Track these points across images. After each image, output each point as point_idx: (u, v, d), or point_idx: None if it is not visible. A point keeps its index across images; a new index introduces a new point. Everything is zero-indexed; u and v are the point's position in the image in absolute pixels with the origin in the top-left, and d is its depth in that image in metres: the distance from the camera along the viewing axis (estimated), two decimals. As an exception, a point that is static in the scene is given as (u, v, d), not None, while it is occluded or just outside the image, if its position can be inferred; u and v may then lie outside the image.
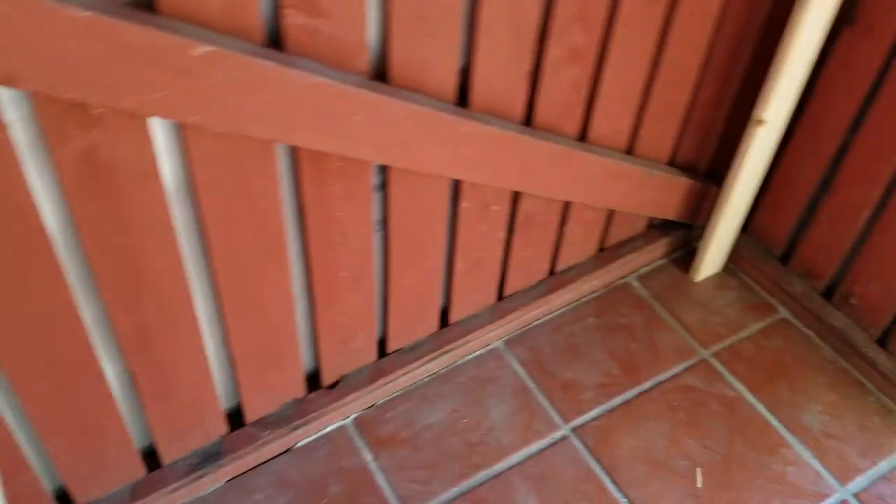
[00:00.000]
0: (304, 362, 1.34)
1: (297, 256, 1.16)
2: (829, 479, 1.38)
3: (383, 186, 1.17)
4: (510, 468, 1.37)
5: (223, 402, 1.28)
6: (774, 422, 1.45)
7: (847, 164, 1.41)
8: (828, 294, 1.56)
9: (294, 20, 0.89)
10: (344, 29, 0.93)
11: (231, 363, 1.22)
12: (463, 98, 1.14)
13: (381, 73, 1.03)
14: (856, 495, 1.36)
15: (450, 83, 1.09)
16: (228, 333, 1.16)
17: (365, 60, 0.98)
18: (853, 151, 1.39)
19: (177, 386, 1.16)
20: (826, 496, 1.35)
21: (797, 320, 1.60)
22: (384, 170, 1.14)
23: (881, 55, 1.29)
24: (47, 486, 1.18)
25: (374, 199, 1.17)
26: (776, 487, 1.36)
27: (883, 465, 1.40)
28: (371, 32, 0.98)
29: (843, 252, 1.49)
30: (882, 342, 1.49)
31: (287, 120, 0.93)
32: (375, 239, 1.23)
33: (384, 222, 1.21)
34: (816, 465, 1.39)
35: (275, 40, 0.92)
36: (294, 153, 1.02)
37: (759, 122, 1.34)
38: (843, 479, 1.38)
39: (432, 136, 1.09)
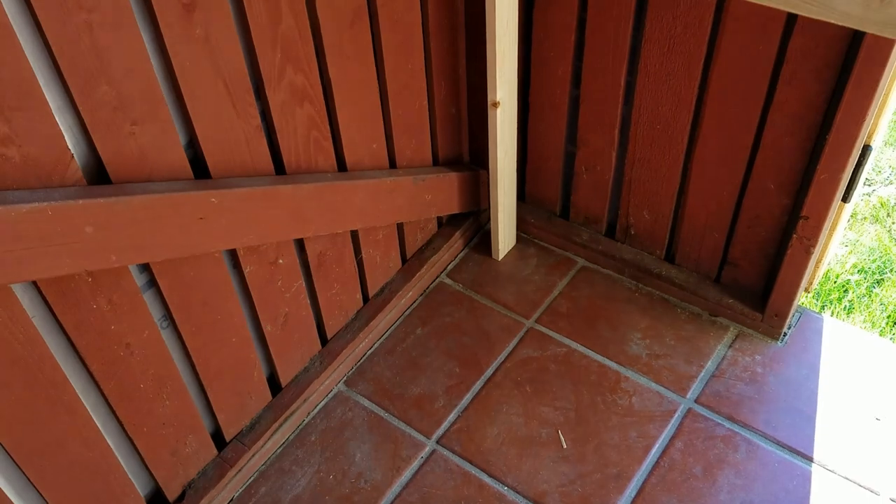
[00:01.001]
0: (141, 487, 1.25)
1: (86, 387, 1.08)
2: (670, 395, 1.48)
3: (153, 283, 1.11)
4: None
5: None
6: (607, 361, 1.54)
7: (582, 117, 1.52)
8: (610, 233, 1.68)
9: (-26, 155, 0.83)
10: (38, 147, 0.87)
11: (56, 521, 1.11)
12: (202, 170, 1.11)
13: (100, 175, 0.98)
14: (697, 401, 1.47)
15: (180, 162, 1.06)
16: (42, 492, 1.06)
17: (75, 169, 0.93)
18: (583, 105, 1.50)
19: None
20: (673, 412, 1.45)
21: (594, 265, 1.71)
22: (146, 267, 1.09)
23: (573, 14, 1.40)
24: None
25: (148, 297, 1.11)
26: (629, 420, 1.45)
27: (709, 366, 1.52)
28: (72, 139, 0.93)
29: (609, 193, 1.60)
30: (669, 259, 1.63)
31: (5, 259, 0.86)
32: (166, 336, 1.17)
33: (169, 317, 1.16)
34: (655, 386, 1.49)
35: (-37, 181, 0.85)
36: (35, 284, 0.95)
37: (495, 104, 1.42)
38: (682, 390, 1.49)
39: (180, 218, 1.05)
